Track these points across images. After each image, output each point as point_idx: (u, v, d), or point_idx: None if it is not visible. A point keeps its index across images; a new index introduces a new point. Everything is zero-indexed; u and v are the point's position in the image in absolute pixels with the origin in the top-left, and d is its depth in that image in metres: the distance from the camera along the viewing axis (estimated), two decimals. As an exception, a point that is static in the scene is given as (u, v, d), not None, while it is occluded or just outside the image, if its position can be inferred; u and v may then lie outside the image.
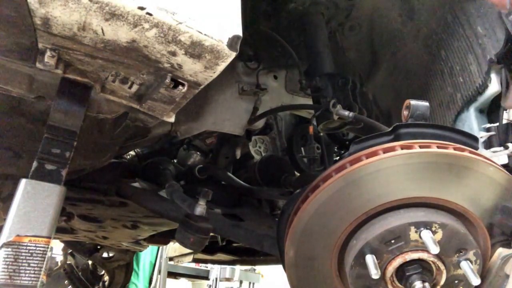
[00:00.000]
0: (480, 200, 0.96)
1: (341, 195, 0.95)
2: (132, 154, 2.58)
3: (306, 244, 1.02)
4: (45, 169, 1.04)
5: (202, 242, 1.41)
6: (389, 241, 0.94)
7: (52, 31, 0.88)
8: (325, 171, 1.01)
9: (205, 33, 0.89)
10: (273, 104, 2.07)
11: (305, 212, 0.99)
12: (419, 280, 0.92)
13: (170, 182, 1.83)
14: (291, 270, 1.07)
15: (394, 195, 0.95)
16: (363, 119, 1.53)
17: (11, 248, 0.94)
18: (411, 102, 1.03)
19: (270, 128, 2.59)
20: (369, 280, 0.96)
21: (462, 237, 0.94)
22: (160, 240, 3.24)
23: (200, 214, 1.43)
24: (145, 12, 0.83)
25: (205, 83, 1.05)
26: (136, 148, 2.49)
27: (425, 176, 0.93)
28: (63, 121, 1.11)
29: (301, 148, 2.47)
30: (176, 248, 4.71)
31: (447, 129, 1.02)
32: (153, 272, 5.61)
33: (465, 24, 1.48)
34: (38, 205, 0.99)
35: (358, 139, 1.04)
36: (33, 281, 0.95)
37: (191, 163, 2.40)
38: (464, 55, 1.47)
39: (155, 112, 1.21)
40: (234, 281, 8.65)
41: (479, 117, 1.40)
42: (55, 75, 1.06)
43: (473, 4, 1.45)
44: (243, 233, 1.76)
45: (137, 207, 2.09)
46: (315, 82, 1.72)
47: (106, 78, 1.10)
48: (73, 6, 0.81)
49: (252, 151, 2.52)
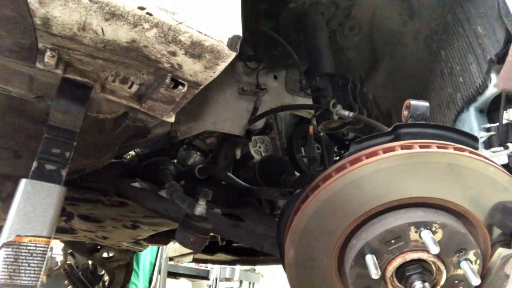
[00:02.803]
0: (480, 200, 0.96)
1: (341, 195, 0.95)
2: (132, 154, 2.58)
3: (306, 244, 1.02)
4: (45, 169, 1.04)
5: (202, 242, 1.41)
6: (389, 241, 0.94)
7: (52, 31, 0.88)
8: (325, 171, 1.01)
9: (205, 33, 0.89)
10: (273, 104, 2.07)
11: (305, 212, 0.99)
12: (419, 280, 0.92)
13: (170, 182, 1.83)
14: (291, 270, 1.07)
15: (394, 195, 0.95)
16: (363, 119, 1.53)
17: (11, 248, 0.94)
18: (411, 102, 1.03)
19: (270, 128, 2.59)
20: (369, 280, 0.96)
21: (462, 237, 0.94)
22: (160, 240, 3.24)
23: (200, 214, 1.43)
24: (145, 12, 0.83)
25: (205, 83, 1.05)
26: (136, 148, 2.49)
27: (425, 176, 0.93)
28: (63, 121, 1.11)
29: (301, 148, 2.47)
30: (176, 248, 4.70)
31: (447, 129, 1.02)
32: (153, 272, 5.61)
33: (465, 24, 1.48)
34: (38, 205, 0.99)
35: (358, 139, 1.04)
36: (33, 281, 0.95)
37: (191, 163, 2.39)
38: (464, 55, 1.47)
39: (155, 112, 1.21)
40: (234, 281, 8.66)
41: (479, 117, 1.40)
42: (55, 75, 1.06)
43: (473, 4, 1.45)
44: (243, 233, 1.76)
45: (137, 207, 2.10)
46: (315, 82, 1.72)
47: (106, 78, 1.10)
48: (73, 6, 0.81)
49: (252, 151, 2.52)
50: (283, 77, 2.17)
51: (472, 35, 1.43)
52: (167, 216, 1.85)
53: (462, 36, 1.49)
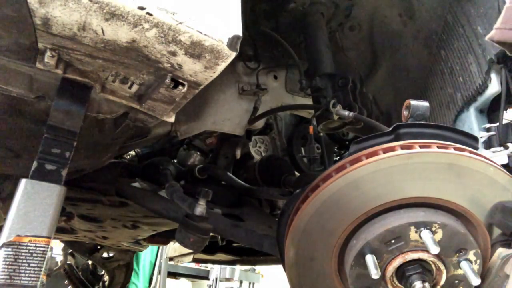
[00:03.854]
0: (480, 200, 0.96)
1: (341, 195, 0.95)
2: (132, 154, 2.58)
3: (306, 244, 1.02)
4: (45, 169, 1.04)
5: (202, 242, 1.41)
6: (389, 241, 0.94)
7: (52, 31, 0.88)
8: (325, 171, 1.01)
9: (205, 33, 0.89)
10: (273, 104, 2.07)
11: (305, 212, 0.99)
12: (419, 280, 0.92)
13: (170, 182, 1.83)
14: (291, 270, 1.07)
15: (394, 195, 0.95)
16: (363, 119, 1.53)
17: (11, 248, 0.94)
18: (411, 102, 1.03)
19: (270, 128, 2.59)
20: (369, 280, 0.96)
21: (462, 237, 0.94)
22: (160, 240, 3.24)
23: (200, 214, 1.43)
24: (145, 12, 0.83)
25: (205, 83, 1.05)
26: (136, 148, 2.49)
27: (425, 176, 0.93)
28: (63, 121, 1.11)
29: (301, 148, 2.47)
30: (176, 248, 4.70)
31: (447, 129, 1.02)
32: (153, 272, 5.61)
33: (465, 24, 1.48)
34: (38, 205, 0.99)
35: (358, 139, 1.04)
36: (33, 281, 0.95)
37: (191, 163, 2.39)
38: (464, 55, 1.47)
39: (155, 112, 1.21)
40: (234, 281, 8.65)
41: (479, 117, 1.40)
42: (55, 75, 1.06)
43: (473, 4, 1.45)
44: (243, 233, 1.76)
45: (137, 207, 2.09)
46: (315, 82, 1.72)
47: (106, 78, 1.10)
48: (73, 6, 0.81)
49: (252, 151, 2.52)
50: (283, 77, 2.17)
51: (472, 35, 1.43)
52: (167, 216, 1.85)
53: (462, 36, 1.49)
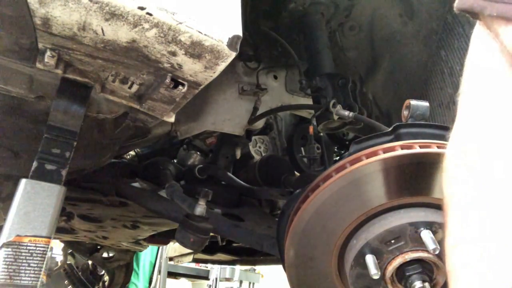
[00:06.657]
0: (480, 200, 0.96)
1: (341, 195, 0.95)
2: (132, 154, 2.58)
3: (306, 244, 1.02)
4: (45, 169, 1.04)
5: (202, 242, 1.41)
6: (389, 241, 0.94)
7: (52, 31, 0.88)
8: (325, 171, 1.01)
9: (205, 33, 0.89)
10: (273, 104, 2.07)
11: (305, 212, 0.99)
12: (419, 280, 0.92)
13: (170, 182, 1.83)
14: (291, 270, 1.07)
15: (394, 195, 0.95)
16: (363, 119, 1.53)
17: (11, 248, 0.94)
18: (411, 102, 1.03)
19: (270, 128, 2.59)
20: (369, 280, 0.96)
21: (462, 237, 0.94)
22: (160, 240, 3.24)
23: (200, 214, 1.43)
24: (145, 12, 0.83)
25: (205, 83, 1.05)
26: (136, 148, 2.49)
27: (425, 176, 0.93)
28: (63, 121, 1.11)
29: (301, 148, 2.47)
30: (176, 248, 4.70)
31: (447, 129, 1.02)
32: (153, 272, 5.61)
33: (465, 24, 1.47)
34: (38, 205, 0.99)
35: (358, 139, 1.04)
36: (33, 281, 0.95)
37: (191, 163, 2.39)
38: (464, 55, 1.46)
39: (155, 112, 1.21)
40: (234, 281, 8.65)
41: (479, 117, 1.40)
42: (55, 75, 1.06)
43: (473, 4, 1.45)
44: (243, 233, 1.76)
45: (137, 207, 2.09)
46: (315, 82, 1.72)
47: (106, 78, 1.10)
48: (73, 6, 0.81)
49: (252, 151, 2.52)
50: (283, 77, 2.17)
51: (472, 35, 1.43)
52: (167, 216, 1.85)
53: (462, 36, 1.49)
